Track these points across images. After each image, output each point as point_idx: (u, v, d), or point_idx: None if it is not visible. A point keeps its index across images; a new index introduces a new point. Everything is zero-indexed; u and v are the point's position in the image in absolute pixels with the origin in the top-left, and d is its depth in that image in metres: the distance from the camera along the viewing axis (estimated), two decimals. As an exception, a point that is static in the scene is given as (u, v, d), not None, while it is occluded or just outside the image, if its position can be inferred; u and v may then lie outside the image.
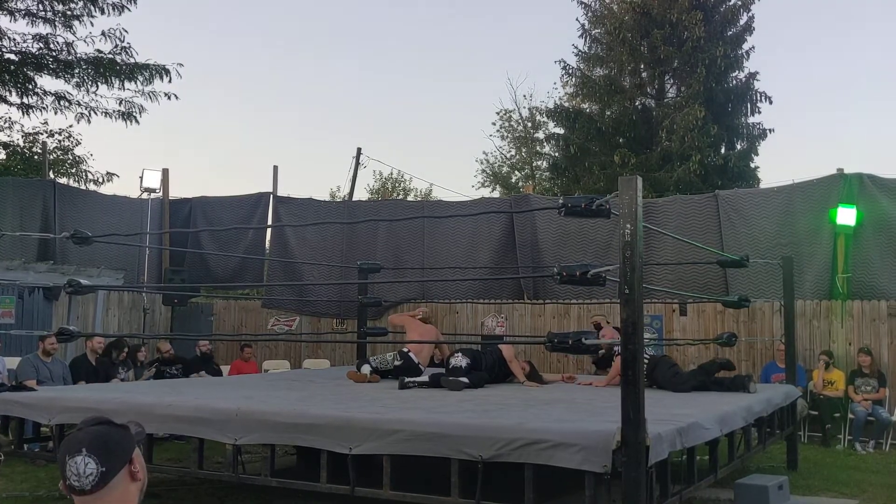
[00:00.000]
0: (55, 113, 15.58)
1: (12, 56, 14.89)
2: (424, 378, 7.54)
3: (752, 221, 11.19)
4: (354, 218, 13.53)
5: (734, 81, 18.83)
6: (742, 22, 18.93)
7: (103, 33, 14.49)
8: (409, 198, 28.85)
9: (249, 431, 5.33)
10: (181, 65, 14.67)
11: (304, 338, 13.24)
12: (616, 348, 6.36)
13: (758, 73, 18.63)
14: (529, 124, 28.18)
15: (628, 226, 4.35)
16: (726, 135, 18.37)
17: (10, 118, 18.60)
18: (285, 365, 12.69)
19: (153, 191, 13.97)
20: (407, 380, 7.28)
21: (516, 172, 29.28)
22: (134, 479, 1.70)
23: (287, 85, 47.90)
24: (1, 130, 18.77)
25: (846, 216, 10.42)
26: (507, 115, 28.53)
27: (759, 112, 18.79)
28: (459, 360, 7.43)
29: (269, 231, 14.41)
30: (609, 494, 4.34)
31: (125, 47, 14.53)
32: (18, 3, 14.48)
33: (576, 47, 20.15)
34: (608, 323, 8.89)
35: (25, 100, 15.26)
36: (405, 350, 8.06)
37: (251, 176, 52.53)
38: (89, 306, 11.95)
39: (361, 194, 29.75)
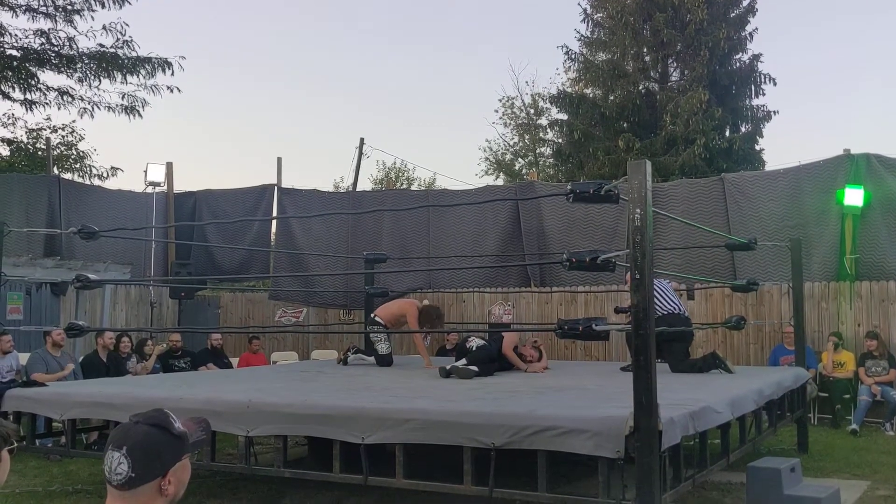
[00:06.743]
0: (58, 108, 15.62)
1: (14, 52, 14.88)
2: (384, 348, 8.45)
3: (759, 204, 11.14)
4: (359, 208, 13.50)
5: (738, 64, 18.77)
6: (745, 3, 18.85)
7: (104, 27, 14.49)
8: (413, 187, 28.78)
9: (261, 423, 5.33)
10: (183, 57, 14.68)
11: (311, 329, 13.25)
12: None
13: (761, 54, 18.60)
14: (532, 111, 28.06)
15: (638, 210, 4.30)
16: (731, 117, 18.32)
17: (13, 114, 18.65)
18: (293, 356, 12.69)
19: (157, 184, 13.97)
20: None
21: (520, 160, 29.18)
22: (162, 493, 1.67)
23: (289, 76, 47.86)
24: (4, 127, 18.82)
25: (853, 197, 10.37)
26: (510, 101, 28.42)
27: (764, 94, 18.82)
28: (475, 342, 7.67)
29: (274, 223, 14.40)
30: (622, 480, 4.33)
31: (127, 41, 14.53)
32: (19, -1, 14.45)
33: (578, 32, 20.11)
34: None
35: (28, 96, 15.27)
36: (372, 315, 8.65)
37: (255, 168, 52.59)
38: (97, 301, 11.95)
39: (365, 184, 29.66)
